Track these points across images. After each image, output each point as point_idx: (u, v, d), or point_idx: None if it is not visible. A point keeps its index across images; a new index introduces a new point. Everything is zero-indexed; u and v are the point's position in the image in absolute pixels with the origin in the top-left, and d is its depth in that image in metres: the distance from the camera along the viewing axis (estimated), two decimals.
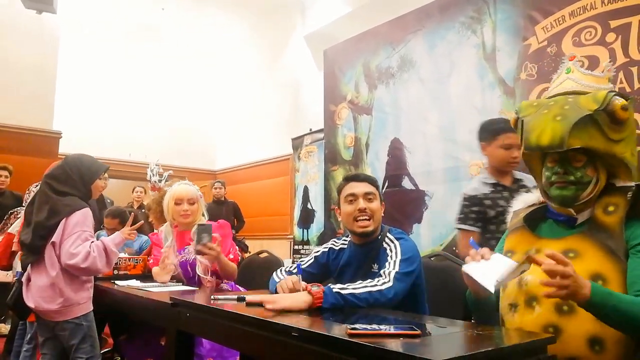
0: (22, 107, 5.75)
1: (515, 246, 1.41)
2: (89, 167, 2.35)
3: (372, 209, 1.77)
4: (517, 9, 3.01)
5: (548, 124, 1.28)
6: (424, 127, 3.53)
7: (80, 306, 2.17)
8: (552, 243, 1.32)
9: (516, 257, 1.37)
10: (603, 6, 2.60)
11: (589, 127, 1.26)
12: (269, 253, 2.92)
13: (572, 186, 1.30)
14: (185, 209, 2.49)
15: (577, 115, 1.25)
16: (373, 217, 1.77)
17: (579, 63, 1.42)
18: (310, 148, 5.69)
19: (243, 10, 7.19)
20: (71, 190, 2.24)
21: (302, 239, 5.63)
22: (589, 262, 1.24)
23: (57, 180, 2.25)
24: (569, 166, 1.30)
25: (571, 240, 1.30)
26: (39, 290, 2.13)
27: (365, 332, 1.06)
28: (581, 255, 1.25)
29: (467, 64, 3.26)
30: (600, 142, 1.27)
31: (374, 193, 1.80)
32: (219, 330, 1.51)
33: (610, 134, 1.28)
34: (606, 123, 1.27)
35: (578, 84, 1.37)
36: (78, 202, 2.22)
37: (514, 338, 1.15)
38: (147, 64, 7.85)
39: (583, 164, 1.30)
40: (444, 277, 2.02)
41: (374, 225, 1.78)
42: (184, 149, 7.95)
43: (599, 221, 1.28)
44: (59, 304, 2.12)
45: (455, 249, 3.12)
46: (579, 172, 1.30)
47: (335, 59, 4.49)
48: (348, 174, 1.96)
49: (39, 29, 5.88)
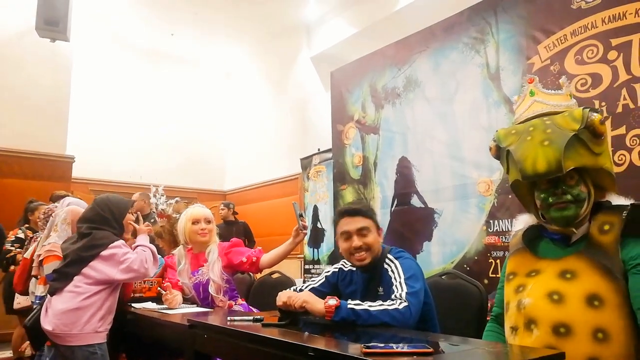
0: (36, 132, 5.89)
1: (516, 268, 1.42)
2: (118, 204, 2.45)
3: (368, 243, 1.79)
4: (519, 29, 3.08)
5: (538, 151, 1.30)
6: (431, 146, 3.57)
7: (97, 334, 2.22)
8: (551, 264, 1.33)
9: (517, 280, 1.39)
10: (604, 25, 2.65)
11: (577, 146, 1.29)
12: (281, 274, 2.95)
13: (571, 205, 1.32)
14: (203, 227, 2.57)
15: (563, 138, 1.28)
16: (370, 250, 1.80)
17: (540, 85, 1.46)
18: (319, 168, 5.75)
19: (250, 33, 7.35)
20: (108, 228, 2.35)
21: (312, 259, 5.65)
22: (585, 282, 1.24)
23: (90, 221, 2.35)
24: (564, 186, 1.32)
25: (568, 261, 1.31)
26: (61, 314, 2.18)
27: (380, 351, 1.09)
28: (578, 276, 1.26)
29: (472, 83, 3.32)
30: (588, 158, 1.31)
31: (367, 227, 1.80)
32: (236, 350, 1.54)
33: (595, 149, 1.31)
34: (589, 139, 1.30)
35: (547, 105, 1.41)
36: (113, 237, 2.32)
37: (523, 355, 1.17)
38: (157, 88, 8.02)
39: (576, 181, 1.32)
40: (455, 295, 2.03)
41: (371, 256, 1.80)
42: (194, 170, 8.06)
43: (594, 240, 1.29)
44: (79, 329, 2.16)
45: (466, 267, 3.13)
46: (575, 190, 1.32)
47: (342, 80, 4.57)
48: (341, 208, 1.97)
49: (52, 57, 6.05)
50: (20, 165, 5.70)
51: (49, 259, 2.64)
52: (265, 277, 3.11)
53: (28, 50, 5.85)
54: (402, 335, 1.41)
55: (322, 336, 1.41)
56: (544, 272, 1.34)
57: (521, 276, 1.38)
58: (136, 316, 2.39)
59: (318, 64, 6.83)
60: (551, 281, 1.29)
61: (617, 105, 2.54)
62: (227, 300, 2.54)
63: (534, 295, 1.29)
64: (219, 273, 2.51)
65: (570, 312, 1.23)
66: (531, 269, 1.37)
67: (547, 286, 1.29)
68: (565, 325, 1.21)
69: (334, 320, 1.51)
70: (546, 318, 1.25)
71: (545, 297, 1.27)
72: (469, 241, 3.21)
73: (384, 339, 1.37)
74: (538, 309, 1.26)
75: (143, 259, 2.31)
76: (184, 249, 2.67)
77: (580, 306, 1.22)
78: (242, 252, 2.57)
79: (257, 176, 7.69)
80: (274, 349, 1.34)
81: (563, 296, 1.25)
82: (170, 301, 2.40)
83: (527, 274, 1.37)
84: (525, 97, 1.47)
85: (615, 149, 2.49)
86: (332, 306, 1.51)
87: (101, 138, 7.25)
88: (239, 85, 8.57)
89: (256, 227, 6.54)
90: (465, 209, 3.26)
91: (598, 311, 1.21)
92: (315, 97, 6.75)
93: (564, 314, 1.23)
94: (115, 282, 2.31)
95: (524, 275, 1.38)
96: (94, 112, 7.27)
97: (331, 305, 1.52)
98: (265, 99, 7.85)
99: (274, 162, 7.34)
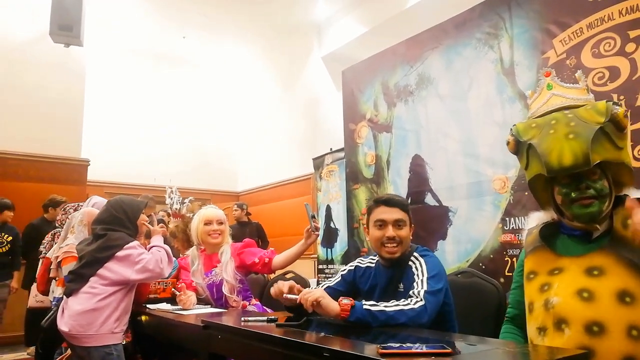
0: (51, 137, 5.97)
1: (536, 267, 1.38)
2: (131, 205, 2.47)
3: (402, 236, 1.76)
4: (533, 23, 3.02)
5: (564, 144, 1.27)
6: (444, 143, 3.53)
7: (113, 335, 2.23)
8: (575, 261, 1.30)
9: (539, 279, 1.34)
10: (621, 17, 2.59)
11: (602, 140, 1.26)
12: (295, 274, 2.94)
13: (595, 201, 1.28)
14: (215, 229, 2.57)
15: (589, 131, 1.25)
16: (402, 244, 1.77)
17: (557, 78, 1.42)
18: (331, 167, 5.73)
19: (261, 34, 7.36)
20: (122, 229, 2.37)
21: (326, 258, 5.63)
22: (614, 279, 1.21)
23: (105, 223, 2.37)
24: (587, 181, 1.28)
25: (593, 257, 1.27)
26: (77, 315, 2.19)
27: (397, 352, 1.07)
28: (605, 273, 1.23)
29: (485, 79, 3.27)
30: (612, 152, 1.27)
31: (404, 220, 1.78)
32: (250, 351, 1.53)
33: (619, 143, 1.28)
34: (614, 132, 1.27)
35: (566, 99, 1.38)
36: (128, 238, 2.34)
37: (544, 355, 1.14)
38: (169, 90, 8.08)
39: (599, 176, 1.29)
40: (471, 294, 2.00)
41: (402, 251, 1.77)
42: (207, 172, 8.11)
43: (618, 235, 1.25)
44: (95, 330, 2.18)
45: (482, 265, 3.09)
46: (598, 184, 1.28)
47: (354, 79, 4.54)
48: (379, 197, 1.90)
49: (66, 62, 6.13)
50: (36, 169, 5.78)
51: (67, 260, 2.67)
52: (279, 277, 3.10)
53: (42, 55, 5.93)
54: (418, 336, 1.39)
55: (337, 337, 1.39)
56: (568, 269, 1.29)
57: (543, 274, 1.34)
58: (151, 317, 2.39)
59: (329, 64, 6.82)
60: (578, 278, 1.26)
61: (636, 98, 2.48)
62: (240, 301, 2.54)
63: (562, 293, 1.25)
64: (232, 273, 2.52)
65: (602, 310, 1.19)
66: (553, 267, 1.33)
67: (575, 284, 1.25)
68: (598, 323, 1.18)
69: (349, 320, 1.48)
70: (577, 317, 1.21)
71: (574, 295, 1.23)
72: (484, 239, 3.16)
73: (401, 339, 1.35)
74: (568, 308, 1.22)
75: (158, 259, 2.32)
76: (197, 249, 2.68)
77: (612, 303, 1.19)
78: (255, 252, 2.57)
79: (270, 177, 7.71)
80: (288, 350, 1.33)
81: (593, 293, 1.21)
82: (185, 302, 2.41)
83: (550, 272, 1.33)
84: (543, 91, 1.43)
85: (635, 143, 2.43)
86: (348, 305, 1.48)
87: (115, 141, 7.33)
88: (251, 86, 8.59)
89: (269, 228, 6.55)
90: (481, 207, 3.22)
91: (630, 308, 1.17)
92: (327, 96, 6.74)
93: (596, 312, 1.19)
94: (130, 283, 2.32)
95: (546, 273, 1.33)
96: (108, 116, 7.36)
97: (346, 304, 1.48)
98: (277, 100, 7.86)
99: (286, 163, 7.35)
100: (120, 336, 2.28)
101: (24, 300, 4.69)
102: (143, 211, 2.54)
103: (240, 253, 2.58)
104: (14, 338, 5.14)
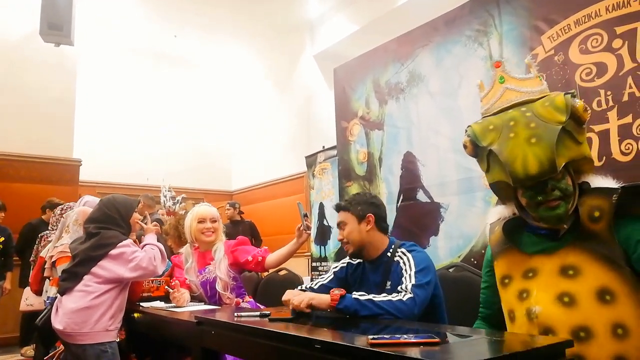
0: (43, 137, 5.93)
1: (509, 271, 1.34)
2: (124, 203, 2.48)
3: (344, 236, 1.94)
4: (522, 20, 3.05)
5: (527, 150, 1.21)
6: (435, 140, 3.55)
7: (108, 333, 2.24)
8: (547, 260, 1.26)
9: (515, 284, 1.31)
10: (607, 13, 2.63)
11: (565, 140, 1.22)
12: (288, 270, 2.96)
13: (562, 202, 1.24)
14: (209, 227, 2.58)
15: (551, 133, 1.19)
16: (350, 241, 1.91)
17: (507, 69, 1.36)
18: (324, 165, 5.74)
19: (252, 33, 7.36)
20: (115, 227, 2.38)
21: (319, 256, 5.64)
22: (590, 278, 1.19)
23: (98, 222, 2.38)
24: (552, 182, 1.23)
25: (566, 255, 1.24)
26: (72, 313, 2.19)
27: (387, 342, 1.09)
28: (581, 272, 1.20)
29: (475, 76, 3.29)
30: (575, 150, 1.23)
31: (343, 221, 1.96)
32: (243, 346, 1.55)
33: (579, 138, 1.24)
34: (575, 129, 1.23)
35: (520, 92, 1.32)
36: (121, 236, 2.36)
37: (533, 343, 1.17)
38: (161, 90, 8.06)
39: (562, 175, 1.24)
40: (462, 287, 2.04)
41: (354, 247, 1.92)
42: (200, 171, 8.09)
43: (587, 229, 1.21)
44: (89, 328, 2.18)
45: (474, 260, 3.12)
46: (562, 184, 1.24)
47: (345, 77, 4.56)
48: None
49: (57, 61, 6.10)
50: (28, 170, 5.75)
51: (62, 260, 2.67)
52: (272, 275, 3.11)
53: (33, 55, 5.89)
54: (408, 327, 1.41)
55: (328, 329, 1.41)
56: (542, 270, 1.27)
57: (518, 279, 1.30)
58: (145, 315, 2.40)
59: (321, 62, 6.83)
60: (555, 281, 1.23)
61: (622, 94, 2.51)
62: (234, 298, 2.55)
63: (542, 301, 1.22)
64: (226, 271, 2.53)
65: (585, 314, 1.17)
66: (526, 269, 1.30)
67: (554, 288, 1.23)
68: (584, 328, 1.16)
69: (338, 307, 1.53)
70: (562, 325, 1.19)
71: (555, 302, 1.21)
72: (475, 235, 3.19)
73: (391, 330, 1.37)
74: (553, 317, 1.20)
75: (151, 256, 2.33)
76: (190, 247, 2.69)
77: (593, 305, 1.17)
78: (248, 250, 2.58)
79: (263, 175, 7.72)
80: (280, 343, 1.35)
81: (573, 296, 1.19)
82: (178, 299, 2.42)
83: (524, 275, 1.30)
84: (495, 84, 1.36)
85: (622, 138, 2.47)
86: (337, 294, 1.55)
87: (107, 141, 7.30)
88: (243, 85, 8.59)
89: (263, 226, 6.55)
90: (471, 203, 3.25)
91: (612, 306, 1.15)
92: (319, 94, 6.75)
93: (579, 316, 1.18)
94: (124, 281, 2.33)
95: (521, 276, 1.30)
96: (100, 115, 7.32)
97: (336, 294, 1.55)
98: (269, 98, 7.87)
99: (279, 161, 7.36)
100: (115, 334, 2.28)
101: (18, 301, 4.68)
102: (136, 210, 2.54)
103: (234, 251, 2.59)
104: (7, 340, 5.12)
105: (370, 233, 1.88)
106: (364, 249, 1.90)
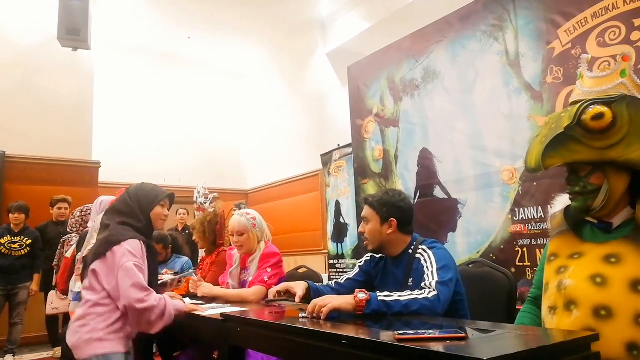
0: (62, 139, 6.05)
1: (558, 250, 1.42)
2: (148, 194, 2.16)
3: (365, 231, 1.95)
4: (537, 14, 3.04)
5: (535, 147, 1.36)
6: (451, 136, 3.55)
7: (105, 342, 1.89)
8: (595, 247, 1.32)
9: (558, 261, 1.38)
10: (625, 5, 2.60)
11: (568, 143, 1.29)
12: (307, 268, 2.99)
13: (579, 197, 1.34)
14: (236, 241, 2.63)
15: (552, 135, 1.31)
16: (369, 239, 1.93)
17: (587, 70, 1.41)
18: (339, 163, 5.77)
19: (265, 32, 7.39)
20: (131, 220, 2.07)
21: (336, 253, 5.68)
22: (630, 267, 1.23)
23: (117, 212, 2.10)
24: (574, 177, 1.35)
25: (613, 245, 1.29)
26: (77, 320, 1.95)
27: (413, 337, 1.11)
28: (622, 261, 1.25)
29: (491, 71, 3.29)
30: (586, 153, 1.29)
31: (365, 217, 1.95)
32: (269, 342, 1.58)
33: (594, 144, 1.27)
34: (583, 135, 1.28)
35: (582, 92, 1.37)
36: (131, 233, 2.02)
37: (557, 337, 1.18)
38: (176, 90, 8.14)
39: (586, 174, 1.32)
40: (483, 283, 2.04)
41: (373, 245, 1.93)
42: (216, 170, 8.16)
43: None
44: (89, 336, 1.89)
45: (493, 256, 3.12)
46: (582, 181, 1.33)
47: (359, 74, 4.57)
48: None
49: (75, 65, 6.20)
50: (48, 172, 5.86)
51: None
52: (292, 272, 3.15)
53: (51, 59, 6.00)
54: (433, 323, 1.43)
55: (354, 325, 1.44)
56: (588, 255, 1.33)
57: (563, 258, 1.38)
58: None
59: (334, 60, 6.84)
60: (595, 264, 1.29)
61: None
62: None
63: (576, 277, 1.29)
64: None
65: (612, 296, 1.22)
66: (574, 251, 1.37)
67: (591, 269, 1.28)
68: (607, 307, 1.21)
69: (366, 313, 1.53)
70: (587, 300, 1.25)
71: (587, 280, 1.27)
72: (494, 230, 3.19)
73: (416, 326, 1.39)
74: (579, 291, 1.26)
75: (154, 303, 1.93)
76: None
77: (624, 290, 1.21)
78: (259, 274, 2.54)
79: (279, 174, 7.76)
80: (307, 339, 1.38)
81: (606, 279, 1.24)
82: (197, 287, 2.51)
83: (570, 256, 1.37)
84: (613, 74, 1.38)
85: None
86: (363, 300, 1.54)
87: (125, 142, 7.40)
88: (257, 84, 8.64)
89: (279, 224, 6.58)
90: (489, 198, 3.25)
91: None
92: (333, 92, 6.77)
93: (606, 296, 1.22)
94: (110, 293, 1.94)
95: (566, 257, 1.37)
96: (117, 118, 7.43)
97: (362, 299, 1.54)
98: (283, 97, 7.90)
99: (294, 160, 7.39)
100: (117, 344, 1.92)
101: (41, 302, 4.79)
102: (161, 203, 2.19)
103: (260, 266, 2.59)
104: (32, 339, 5.25)
105: (390, 235, 1.89)
106: (383, 247, 1.92)
